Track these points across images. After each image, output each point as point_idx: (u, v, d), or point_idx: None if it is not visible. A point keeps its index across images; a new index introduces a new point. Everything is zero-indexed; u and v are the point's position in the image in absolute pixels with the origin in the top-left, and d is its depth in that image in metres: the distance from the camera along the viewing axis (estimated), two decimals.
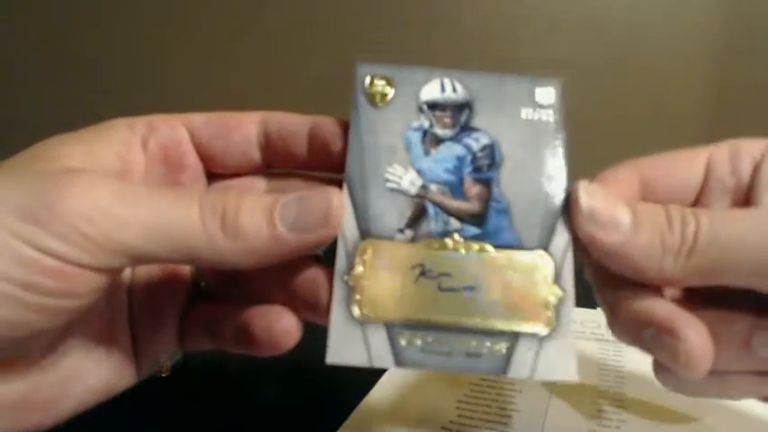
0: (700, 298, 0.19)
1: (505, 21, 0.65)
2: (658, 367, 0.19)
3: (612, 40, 0.62)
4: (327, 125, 0.21)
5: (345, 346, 0.19)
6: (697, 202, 0.21)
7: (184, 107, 0.22)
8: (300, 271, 0.20)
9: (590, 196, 0.19)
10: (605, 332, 0.40)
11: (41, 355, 0.18)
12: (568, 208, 0.20)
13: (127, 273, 0.21)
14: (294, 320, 0.20)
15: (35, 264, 0.15)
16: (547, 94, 0.22)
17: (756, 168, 0.20)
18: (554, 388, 0.33)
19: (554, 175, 0.21)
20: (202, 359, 0.22)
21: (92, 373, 0.19)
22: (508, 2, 0.65)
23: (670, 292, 0.20)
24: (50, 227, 0.15)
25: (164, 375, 0.32)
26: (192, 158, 0.21)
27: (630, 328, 0.18)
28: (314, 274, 0.20)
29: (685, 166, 0.21)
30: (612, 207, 0.19)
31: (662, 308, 0.18)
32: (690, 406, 0.31)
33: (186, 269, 0.22)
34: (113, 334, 0.20)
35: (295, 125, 0.21)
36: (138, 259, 0.17)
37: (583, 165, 0.22)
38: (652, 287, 0.18)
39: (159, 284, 0.21)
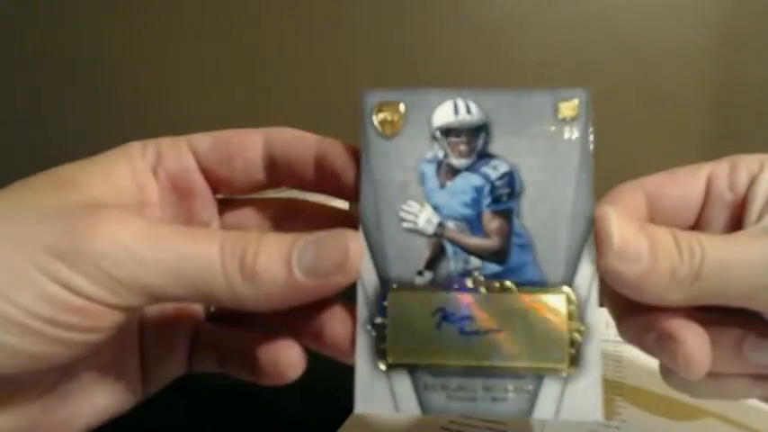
0: (692, 308, 0.20)
1: (507, 22, 0.61)
2: (664, 370, 0.21)
3: (613, 40, 0.60)
4: (335, 152, 0.21)
5: (372, 396, 0.19)
6: (700, 217, 0.21)
7: (190, 124, 0.22)
8: (327, 311, 0.20)
9: (620, 230, 0.19)
10: (605, 331, 0.39)
11: (54, 381, 0.19)
12: (595, 238, 0.19)
13: None
14: (299, 353, 0.20)
15: (61, 301, 0.15)
16: (571, 107, 0.21)
17: (752, 182, 0.20)
18: None
19: (578, 201, 0.20)
20: None
21: (102, 396, 0.20)
22: (510, 6, 0.62)
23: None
24: (77, 266, 0.15)
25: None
26: (201, 184, 0.21)
27: (635, 334, 0.20)
28: (338, 315, 0.20)
29: (687, 182, 0.21)
30: (636, 238, 0.18)
31: (663, 314, 0.19)
32: (689, 406, 0.31)
33: None
34: (124, 359, 0.21)
35: (300, 149, 0.21)
36: (158, 299, 0.17)
37: None
38: None
39: (171, 311, 0.22)
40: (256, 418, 0.31)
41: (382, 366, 0.19)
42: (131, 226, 0.16)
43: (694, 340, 0.18)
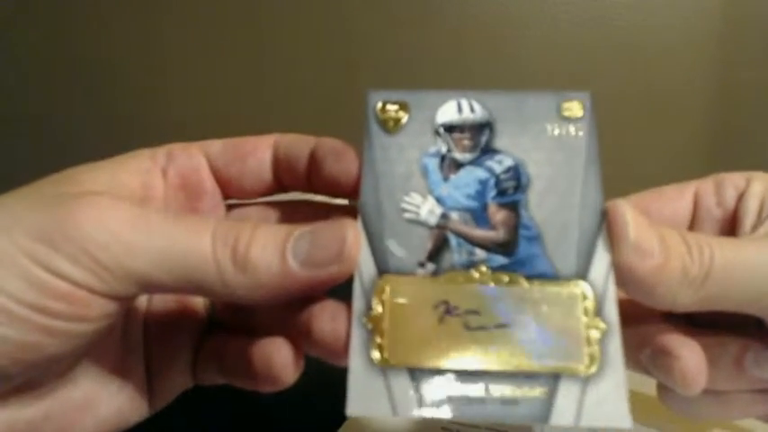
0: (693, 322, 0.20)
1: (508, 22, 0.64)
2: (662, 392, 0.20)
3: (613, 40, 0.62)
4: (329, 147, 0.20)
5: (366, 396, 0.17)
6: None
7: (194, 125, 0.22)
8: (316, 307, 0.19)
9: (635, 223, 0.18)
10: None
11: (53, 384, 0.18)
12: (609, 232, 0.18)
13: (142, 306, 0.21)
14: (293, 355, 0.19)
15: (46, 286, 0.15)
16: (574, 108, 0.21)
17: (740, 198, 0.21)
18: None
19: (588, 195, 0.19)
20: None
21: (104, 405, 0.19)
22: (510, 6, 0.65)
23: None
24: (63, 249, 0.15)
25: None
26: (210, 184, 0.21)
27: (629, 352, 0.19)
28: (330, 311, 0.18)
29: (674, 200, 0.22)
30: (649, 233, 0.18)
31: (658, 330, 0.19)
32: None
33: (200, 303, 0.22)
34: (127, 366, 0.20)
35: (299, 148, 0.21)
36: (147, 287, 0.16)
37: None
38: (650, 312, 0.20)
39: (174, 318, 0.21)
40: (256, 418, 0.31)
41: (377, 361, 0.17)
42: (120, 211, 0.16)
43: (690, 355, 0.18)
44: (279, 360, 0.19)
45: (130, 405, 0.20)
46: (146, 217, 0.16)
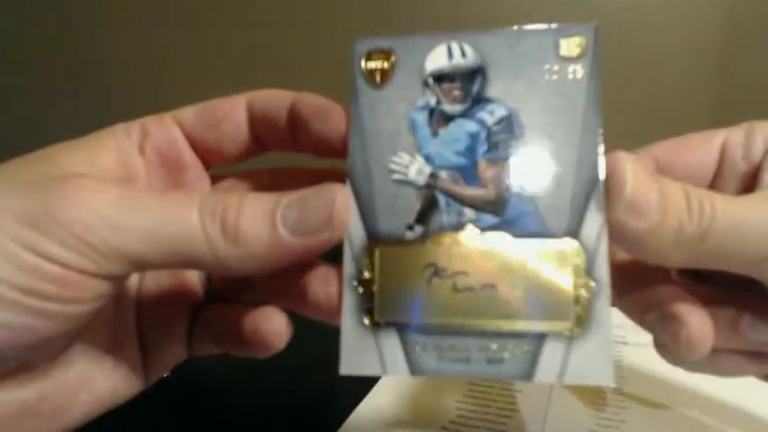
0: (693, 280, 0.20)
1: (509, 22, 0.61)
2: (660, 343, 0.20)
3: (613, 40, 0.59)
4: (308, 103, 0.20)
5: (358, 356, 0.18)
6: (712, 186, 0.20)
7: (182, 94, 0.21)
8: (309, 272, 0.19)
9: (634, 179, 0.17)
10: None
11: (48, 364, 0.18)
12: (605, 187, 0.17)
13: (134, 281, 0.21)
14: (283, 321, 0.19)
15: (36, 269, 0.15)
16: (575, 44, 0.19)
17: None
18: (554, 388, 0.33)
19: (585, 145, 0.18)
20: (202, 360, 0.22)
21: (99, 381, 0.19)
22: (510, 5, 0.61)
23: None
24: (51, 233, 0.15)
25: (164, 375, 0.33)
26: (190, 156, 0.21)
27: (635, 310, 0.19)
28: (323, 276, 0.19)
29: (700, 150, 0.20)
30: (647, 190, 0.17)
31: (666, 292, 0.18)
32: (689, 407, 0.30)
33: (194, 275, 0.22)
34: (121, 342, 0.20)
35: (277, 105, 0.20)
36: (140, 266, 0.16)
37: None
38: (658, 270, 0.19)
39: (167, 291, 0.21)
40: (256, 418, 0.31)
41: (369, 325, 0.18)
42: (105, 192, 0.16)
43: (698, 323, 0.17)
44: (269, 327, 0.19)
45: (125, 381, 0.20)
46: (132, 196, 0.16)
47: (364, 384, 0.32)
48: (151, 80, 0.72)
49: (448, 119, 0.19)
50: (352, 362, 0.18)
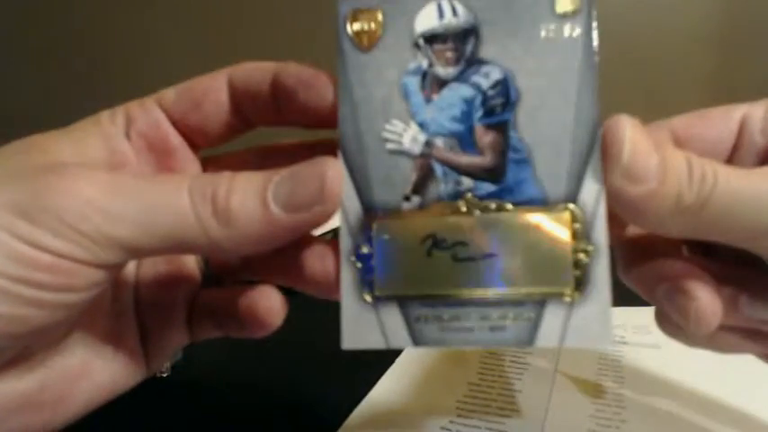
0: (700, 255, 0.20)
1: None
2: (660, 316, 0.20)
3: (613, 40, 0.59)
4: (291, 72, 0.19)
5: (360, 331, 0.18)
6: (729, 161, 0.20)
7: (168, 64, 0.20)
8: (305, 249, 0.19)
9: (632, 143, 0.16)
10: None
11: (46, 354, 0.18)
12: (603, 150, 0.17)
13: (131, 268, 0.21)
14: (278, 298, 0.19)
15: (28, 259, 0.15)
16: (570, 1, 0.18)
17: None
18: (554, 387, 0.33)
19: (582, 107, 0.18)
20: (202, 359, 0.21)
21: (99, 371, 0.19)
22: None
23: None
24: (42, 222, 0.15)
25: (164, 375, 0.32)
26: (175, 139, 0.20)
27: (643, 283, 0.19)
28: (320, 252, 0.19)
29: (719, 124, 0.20)
30: (647, 155, 0.16)
31: (677, 267, 0.18)
32: (689, 407, 0.30)
33: (191, 259, 0.21)
34: (120, 330, 0.20)
35: (259, 78, 0.19)
36: (134, 253, 0.16)
37: None
38: (669, 244, 0.19)
39: (164, 278, 0.21)
40: (256, 418, 0.31)
41: (369, 299, 0.18)
42: (95, 180, 0.16)
43: (707, 297, 0.17)
44: (265, 304, 0.19)
45: (126, 370, 0.20)
46: (121, 183, 0.16)
47: (364, 384, 0.32)
48: (152, 77, 0.69)
49: (441, 83, 0.18)
50: (353, 336, 0.18)
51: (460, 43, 0.18)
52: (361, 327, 0.18)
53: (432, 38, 0.18)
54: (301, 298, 0.20)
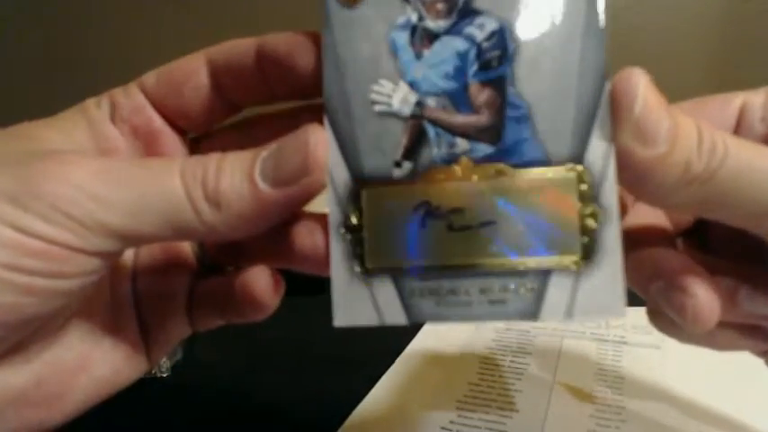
0: (695, 249, 0.19)
1: None
2: (653, 312, 0.19)
3: (613, 40, 0.56)
4: (274, 43, 0.18)
5: (352, 307, 0.17)
6: None
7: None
8: (294, 225, 0.18)
9: (644, 98, 0.15)
10: (605, 332, 0.40)
11: (42, 348, 0.18)
12: (612, 106, 0.15)
13: (129, 258, 0.20)
14: (269, 280, 0.18)
15: (19, 245, 0.14)
16: None
17: None
18: (554, 387, 0.33)
19: (588, 59, 0.16)
20: (202, 359, 0.21)
21: (98, 364, 0.19)
22: None
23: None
24: (32, 208, 0.15)
25: (163, 375, 0.32)
26: (160, 124, 0.19)
27: (638, 279, 0.18)
28: (308, 226, 0.18)
29: (717, 113, 0.19)
30: (658, 115, 0.15)
31: (673, 262, 0.17)
32: (689, 407, 0.30)
33: (187, 247, 0.21)
34: (120, 323, 0.20)
35: (240, 54, 0.18)
36: (128, 240, 0.16)
37: None
38: (664, 238, 0.18)
39: (162, 268, 0.20)
40: (255, 418, 0.31)
41: (361, 273, 0.17)
42: (87, 165, 0.15)
43: (705, 294, 0.16)
44: (260, 286, 0.18)
45: (127, 362, 0.19)
46: (114, 168, 0.16)
47: (365, 383, 0.32)
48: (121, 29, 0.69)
49: (432, 37, 0.17)
50: (345, 313, 0.17)
51: None
52: (354, 302, 0.17)
53: None
54: (301, 299, 0.19)
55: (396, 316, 0.17)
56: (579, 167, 0.16)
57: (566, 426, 0.29)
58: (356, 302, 0.17)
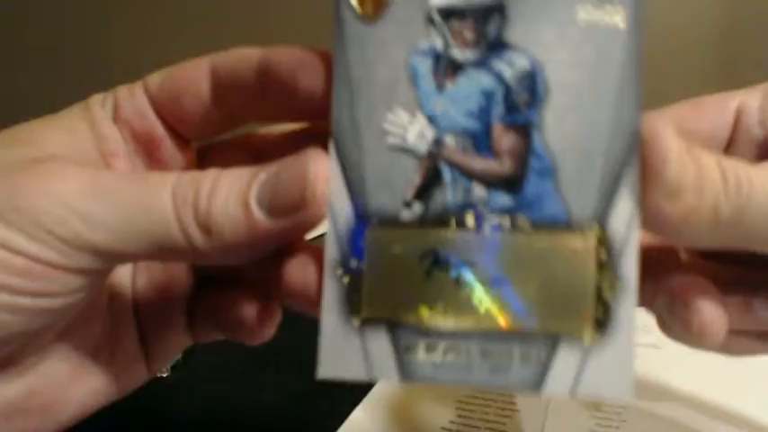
0: (704, 259, 0.18)
1: None
2: (662, 324, 0.18)
3: None
4: (279, 58, 0.16)
5: (340, 357, 0.15)
6: (726, 155, 0.18)
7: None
8: (288, 257, 0.16)
9: (678, 155, 0.14)
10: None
11: (35, 360, 0.17)
12: (643, 164, 0.14)
13: (128, 272, 0.19)
14: (257, 313, 0.18)
15: (1, 262, 0.14)
16: None
17: None
18: None
19: (622, 113, 0.15)
20: (201, 359, 0.20)
21: (94, 375, 0.18)
22: None
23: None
24: (15, 224, 0.14)
25: (163, 375, 0.32)
26: (161, 129, 0.18)
27: (641, 294, 0.17)
28: (302, 260, 0.16)
29: (713, 116, 0.18)
30: (687, 168, 0.14)
31: (678, 277, 0.17)
32: (689, 407, 0.30)
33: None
34: (118, 334, 0.19)
35: (244, 67, 0.17)
36: (114, 259, 0.15)
37: None
38: (667, 247, 0.18)
39: (160, 281, 0.19)
40: (255, 418, 0.31)
41: (355, 321, 0.15)
42: (74, 179, 0.15)
43: (710, 309, 0.16)
44: (249, 317, 0.18)
45: (125, 372, 0.19)
46: (100, 183, 0.15)
47: (364, 384, 0.31)
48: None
49: (457, 68, 0.15)
50: (332, 364, 0.15)
51: (483, 22, 0.15)
52: (343, 353, 0.15)
53: (449, 13, 0.15)
54: None
55: (387, 372, 0.15)
56: (600, 233, 0.15)
57: (566, 426, 0.29)
58: (346, 353, 0.15)
